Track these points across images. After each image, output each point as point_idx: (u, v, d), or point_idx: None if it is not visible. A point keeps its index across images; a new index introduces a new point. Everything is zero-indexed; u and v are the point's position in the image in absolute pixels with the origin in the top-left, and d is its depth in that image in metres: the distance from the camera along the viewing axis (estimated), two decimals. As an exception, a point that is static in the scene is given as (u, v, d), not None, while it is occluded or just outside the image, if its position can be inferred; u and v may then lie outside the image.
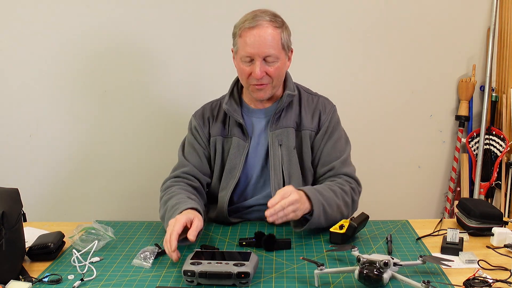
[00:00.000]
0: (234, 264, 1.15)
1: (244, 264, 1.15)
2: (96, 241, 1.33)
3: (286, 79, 1.60)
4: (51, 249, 1.31)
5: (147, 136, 2.39)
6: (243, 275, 1.13)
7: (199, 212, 1.36)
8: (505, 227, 1.42)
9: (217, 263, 1.16)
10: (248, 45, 1.44)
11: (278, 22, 1.48)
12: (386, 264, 1.10)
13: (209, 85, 2.30)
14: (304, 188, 1.41)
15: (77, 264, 1.24)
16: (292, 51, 1.55)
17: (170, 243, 1.23)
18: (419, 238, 1.41)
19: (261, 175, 1.59)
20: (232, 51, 1.56)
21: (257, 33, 1.44)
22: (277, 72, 1.49)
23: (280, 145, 1.55)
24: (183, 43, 2.31)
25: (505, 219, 1.44)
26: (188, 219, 1.28)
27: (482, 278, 1.13)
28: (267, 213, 1.28)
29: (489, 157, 2.47)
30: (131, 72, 2.32)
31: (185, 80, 2.34)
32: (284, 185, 1.55)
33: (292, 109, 1.58)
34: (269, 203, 1.29)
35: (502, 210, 2.41)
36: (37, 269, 1.27)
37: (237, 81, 1.62)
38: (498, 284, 1.12)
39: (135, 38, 2.29)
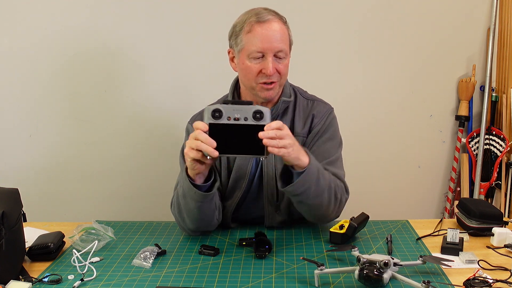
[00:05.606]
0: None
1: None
2: (96, 241, 1.33)
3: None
4: (51, 249, 1.31)
5: (147, 137, 2.39)
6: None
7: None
8: (505, 227, 1.42)
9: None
10: (259, 40, 1.37)
11: (283, 19, 1.45)
12: (386, 264, 1.10)
13: (207, 86, 2.30)
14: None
15: (77, 264, 1.24)
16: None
17: (205, 140, 1.18)
18: (419, 238, 1.41)
19: (258, 183, 1.52)
20: (229, 52, 1.50)
21: (269, 27, 1.38)
22: (286, 70, 1.44)
23: None
24: (183, 44, 2.31)
25: (505, 219, 1.44)
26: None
27: (482, 278, 1.13)
28: (261, 134, 1.18)
29: (489, 157, 2.47)
30: (131, 72, 2.32)
31: (186, 80, 2.34)
32: (277, 194, 1.50)
33: (287, 115, 1.51)
34: (266, 127, 1.19)
35: (502, 210, 2.41)
36: (37, 269, 1.27)
37: (235, 86, 1.55)
38: (498, 284, 1.12)
39: (134, 37, 2.29)
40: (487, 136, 2.46)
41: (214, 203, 1.40)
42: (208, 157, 1.21)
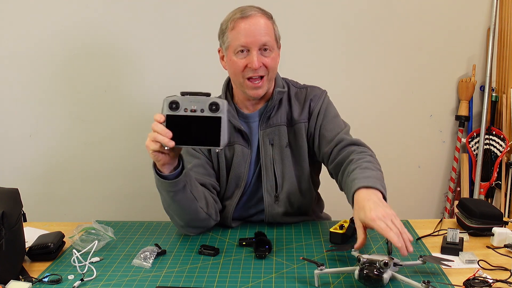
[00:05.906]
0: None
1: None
2: (96, 241, 1.33)
3: (275, 76, 1.54)
4: (51, 249, 1.31)
5: (147, 137, 2.38)
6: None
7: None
8: (505, 227, 1.41)
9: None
10: (243, 35, 1.39)
11: (268, 14, 1.46)
12: (386, 264, 1.10)
13: (207, 86, 2.30)
14: (364, 184, 1.26)
15: (77, 264, 1.24)
16: (280, 47, 1.51)
17: (161, 131, 1.19)
18: (419, 238, 1.41)
19: (256, 179, 1.53)
20: (219, 51, 1.52)
21: (252, 22, 1.40)
22: (273, 63, 1.45)
23: (272, 144, 1.51)
24: (184, 44, 2.31)
25: (505, 219, 1.44)
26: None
27: (482, 278, 1.13)
28: (405, 252, 1.12)
29: (489, 157, 2.47)
30: (131, 72, 2.32)
31: (186, 80, 2.34)
32: (276, 186, 1.51)
33: (282, 106, 1.53)
34: (399, 245, 1.12)
35: (502, 210, 2.41)
36: (37, 269, 1.27)
37: (227, 85, 1.57)
38: (498, 284, 1.12)
39: (134, 37, 2.29)
40: (487, 136, 2.46)
41: (189, 192, 1.35)
42: (166, 148, 1.22)
